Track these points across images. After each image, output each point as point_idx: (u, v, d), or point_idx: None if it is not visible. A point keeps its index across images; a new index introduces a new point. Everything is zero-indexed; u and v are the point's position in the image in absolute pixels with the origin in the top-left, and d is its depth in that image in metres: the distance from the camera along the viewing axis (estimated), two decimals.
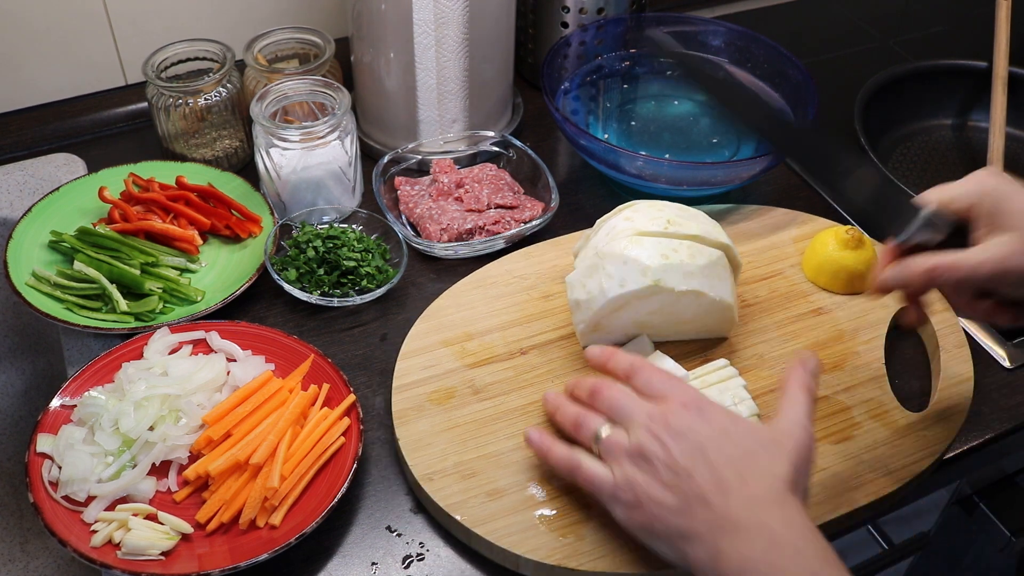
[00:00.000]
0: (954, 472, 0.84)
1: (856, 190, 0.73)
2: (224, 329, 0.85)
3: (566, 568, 0.69)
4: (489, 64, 1.03)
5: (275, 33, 1.05)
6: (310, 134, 0.92)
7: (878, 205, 0.72)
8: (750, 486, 0.61)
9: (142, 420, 0.75)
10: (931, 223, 0.69)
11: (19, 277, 0.89)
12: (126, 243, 0.91)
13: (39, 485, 0.73)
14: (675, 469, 0.63)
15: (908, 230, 0.70)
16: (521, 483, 0.74)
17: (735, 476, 0.62)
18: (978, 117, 1.18)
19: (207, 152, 1.05)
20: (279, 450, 0.74)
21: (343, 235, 0.92)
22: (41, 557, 0.97)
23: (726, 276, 0.82)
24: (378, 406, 0.83)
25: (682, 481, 0.63)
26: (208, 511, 0.72)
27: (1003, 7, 1.17)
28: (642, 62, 1.17)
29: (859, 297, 0.91)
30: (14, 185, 1.03)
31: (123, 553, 0.69)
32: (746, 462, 0.62)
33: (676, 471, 0.63)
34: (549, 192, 0.98)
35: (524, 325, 0.87)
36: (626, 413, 0.67)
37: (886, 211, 0.72)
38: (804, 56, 1.12)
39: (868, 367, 0.84)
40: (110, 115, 1.13)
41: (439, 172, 1.01)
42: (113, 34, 1.09)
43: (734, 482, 0.62)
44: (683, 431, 0.64)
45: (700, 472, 0.62)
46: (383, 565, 0.72)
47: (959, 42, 1.38)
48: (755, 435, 0.64)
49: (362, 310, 0.92)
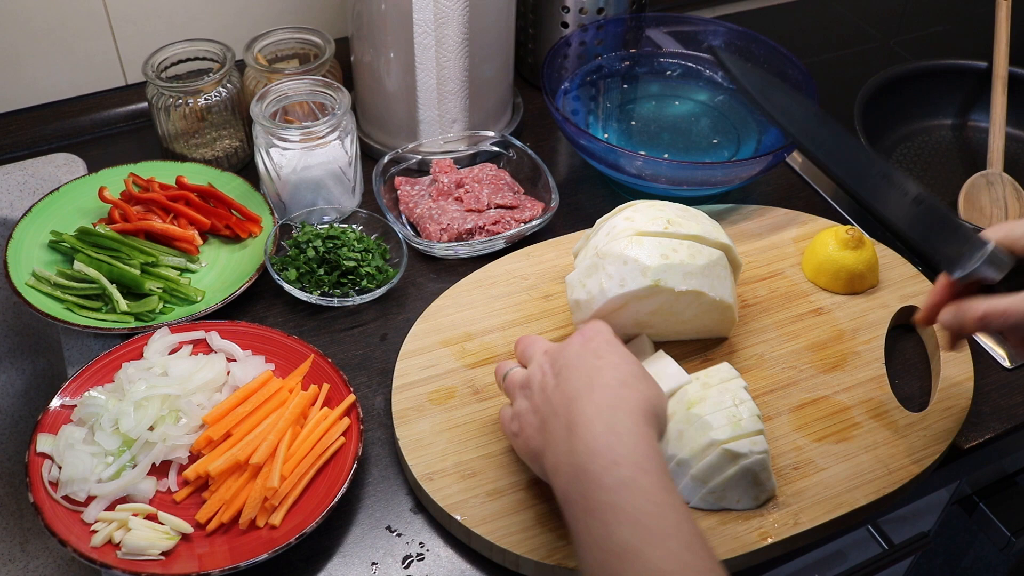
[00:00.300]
0: (954, 472, 0.84)
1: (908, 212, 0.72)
2: (224, 329, 0.85)
3: (566, 568, 0.69)
4: (489, 64, 1.03)
5: (275, 33, 1.05)
6: (310, 134, 0.92)
7: (934, 232, 0.71)
8: (596, 390, 0.62)
9: (142, 420, 0.75)
10: (993, 261, 0.68)
11: (19, 277, 0.89)
12: (126, 243, 0.91)
13: (39, 485, 0.73)
14: (545, 390, 0.65)
15: (968, 267, 0.69)
16: (521, 483, 0.74)
17: (585, 384, 0.63)
18: (978, 117, 1.18)
19: (207, 152, 1.05)
20: (279, 450, 0.74)
21: (343, 235, 0.92)
22: (41, 557, 0.97)
23: (726, 276, 0.82)
24: (378, 406, 0.83)
25: (543, 400, 0.65)
26: (208, 511, 0.72)
27: (1003, 7, 1.17)
28: (642, 62, 1.17)
29: (859, 297, 0.91)
30: (14, 185, 1.03)
31: (123, 553, 0.69)
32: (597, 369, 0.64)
33: (545, 392, 0.65)
34: (549, 192, 0.98)
35: (524, 325, 0.87)
36: (529, 354, 0.70)
37: (945, 241, 0.70)
38: (804, 56, 1.12)
39: (868, 367, 0.84)
40: (110, 115, 1.13)
41: (439, 172, 1.01)
42: (113, 34, 1.09)
43: (582, 389, 0.62)
44: (569, 362, 0.65)
45: (558, 389, 0.64)
46: (383, 565, 0.72)
47: (959, 42, 1.38)
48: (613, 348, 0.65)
49: (362, 310, 0.92)
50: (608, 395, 0.62)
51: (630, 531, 0.54)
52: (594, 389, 0.62)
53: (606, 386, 0.62)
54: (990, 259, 0.68)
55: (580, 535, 0.57)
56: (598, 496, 0.56)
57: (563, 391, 0.63)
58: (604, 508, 0.56)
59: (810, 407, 0.81)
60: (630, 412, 0.61)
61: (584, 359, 0.65)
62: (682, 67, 1.16)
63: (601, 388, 0.62)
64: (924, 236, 0.71)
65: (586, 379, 0.63)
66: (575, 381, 0.63)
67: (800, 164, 1.12)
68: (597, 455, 0.58)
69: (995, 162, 1.08)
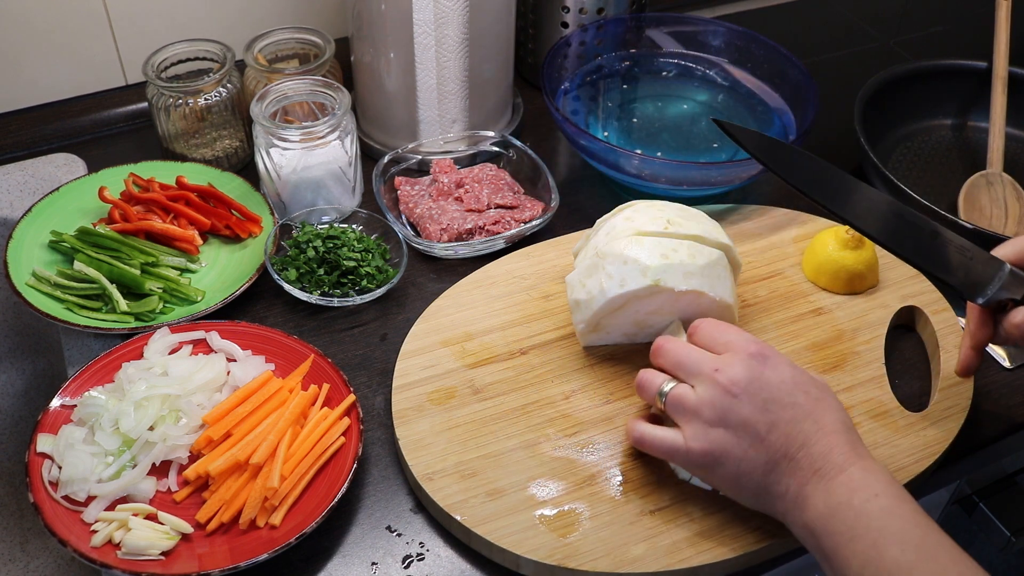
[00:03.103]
0: (954, 472, 0.84)
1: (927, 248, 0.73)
2: (224, 329, 0.85)
3: (566, 568, 0.69)
4: (489, 64, 1.03)
5: (275, 33, 1.05)
6: (310, 134, 0.92)
7: (952, 262, 0.72)
8: (827, 435, 0.64)
9: (142, 420, 0.75)
10: (1013, 282, 0.70)
11: (19, 277, 0.89)
12: (126, 243, 0.91)
13: (39, 485, 0.73)
14: (753, 426, 0.64)
15: (989, 291, 0.70)
16: (521, 483, 0.74)
17: (813, 426, 0.64)
18: (978, 117, 1.18)
19: (207, 152, 1.05)
20: (279, 450, 0.74)
21: (343, 235, 0.92)
22: (41, 557, 0.97)
23: (726, 276, 0.82)
24: (378, 406, 0.83)
25: (762, 439, 0.64)
26: (208, 511, 0.72)
27: (1003, 7, 1.17)
28: (642, 62, 1.17)
29: (859, 297, 0.91)
30: (14, 185, 1.03)
31: (123, 553, 0.69)
32: (818, 409, 0.64)
33: (755, 429, 0.64)
34: (549, 192, 0.98)
35: (524, 325, 0.87)
36: (689, 366, 0.67)
37: (963, 269, 0.71)
38: (804, 56, 1.12)
39: (868, 367, 0.84)
40: (110, 115, 1.13)
41: (439, 172, 1.01)
42: (113, 34, 1.09)
43: (812, 433, 0.63)
44: (752, 383, 0.65)
45: (779, 428, 0.64)
46: (383, 565, 0.72)
47: (959, 42, 1.38)
48: (815, 382, 0.67)
49: (362, 310, 0.92)
50: (840, 432, 0.64)
51: (899, 550, 0.59)
52: (824, 429, 0.64)
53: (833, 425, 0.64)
54: (1009, 281, 0.70)
55: (846, 559, 0.60)
56: (866, 523, 0.60)
57: (788, 434, 0.64)
58: (873, 532, 0.60)
59: None
60: (859, 441, 0.65)
61: (786, 392, 0.65)
62: (682, 67, 1.16)
63: (832, 428, 0.64)
64: (945, 268, 0.72)
65: (809, 419, 0.64)
66: (799, 423, 0.64)
67: None
68: (858, 491, 0.62)
69: (995, 162, 1.08)
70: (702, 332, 0.70)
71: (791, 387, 0.65)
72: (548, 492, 0.74)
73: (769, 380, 0.65)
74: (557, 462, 0.76)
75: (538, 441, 0.77)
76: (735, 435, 0.65)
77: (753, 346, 0.67)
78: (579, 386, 0.82)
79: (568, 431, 0.78)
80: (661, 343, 0.71)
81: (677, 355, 0.69)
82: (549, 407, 0.80)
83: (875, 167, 0.99)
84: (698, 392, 0.66)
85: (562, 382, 0.82)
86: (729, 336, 0.68)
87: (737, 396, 0.65)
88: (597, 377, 0.83)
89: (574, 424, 0.79)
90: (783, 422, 0.64)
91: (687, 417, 0.67)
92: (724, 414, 0.65)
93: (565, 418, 0.79)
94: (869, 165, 1.01)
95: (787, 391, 0.65)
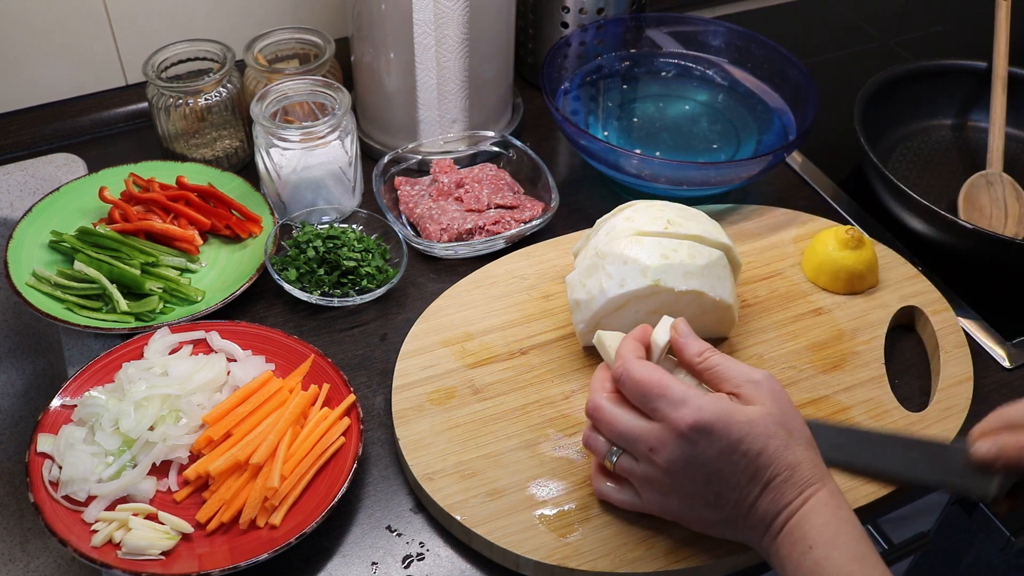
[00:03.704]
0: None
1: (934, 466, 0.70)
2: (224, 329, 0.85)
3: (566, 568, 0.69)
4: (489, 64, 1.03)
5: (275, 33, 1.05)
6: (310, 134, 0.92)
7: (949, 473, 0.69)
8: (771, 490, 0.63)
9: (142, 420, 0.75)
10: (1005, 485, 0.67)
11: (19, 277, 0.89)
12: (126, 243, 0.91)
13: (39, 485, 0.73)
14: (701, 497, 0.65)
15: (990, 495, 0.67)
16: (521, 483, 0.74)
17: (756, 487, 0.63)
18: (978, 117, 1.18)
19: (207, 152, 1.05)
20: (279, 450, 0.74)
21: (343, 235, 0.92)
22: (41, 557, 0.97)
23: (726, 276, 0.82)
24: (378, 406, 0.83)
25: (712, 505, 0.65)
26: (208, 511, 0.72)
27: (1003, 7, 1.17)
28: (642, 62, 1.17)
29: (859, 297, 0.91)
30: (14, 185, 1.03)
31: (123, 553, 0.69)
32: (759, 464, 0.63)
33: (703, 499, 0.65)
34: (549, 192, 0.98)
35: (524, 325, 0.87)
36: (625, 443, 0.67)
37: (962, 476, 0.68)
38: (804, 56, 1.12)
39: (868, 367, 0.84)
40: (110, 115, 1.13)
41: (439, 172, 1.01)
42: (113, 34, 1.09)
43: (757, 494, 0.63)
44: (688, 465, 0.64)
45: (724, 496, 0.64)
46: (383, 565, 0.72)
47: (959, 42, 1.38)
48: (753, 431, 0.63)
49: (362, 310, 0.92)
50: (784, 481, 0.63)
51: None
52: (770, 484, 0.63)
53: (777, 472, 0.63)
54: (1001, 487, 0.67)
55: None
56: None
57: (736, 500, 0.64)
58: None
59: (810, 407, 0.81)
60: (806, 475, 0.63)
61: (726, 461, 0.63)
62: (682, 67, 1.16)
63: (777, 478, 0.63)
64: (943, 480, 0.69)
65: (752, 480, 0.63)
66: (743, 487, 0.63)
67: (800, 164, 1.13)
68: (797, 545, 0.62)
69: (995, 162, 1.08)
70: (628, 387, 0.66)
71: (730, 454, 0.63)
72: (548, 492, 0.74)
73: (705, 455, 0.63)
74: (557, 462, 0.76)
75: (538, 441, 0.77)
76: (688, 504, 0.66)
77: (686, 419, 0.63)
78: (579, 386, 0.82)
79: (568, 431, 0.78)
80: (594, 408, 0.68)
81: (612, 428, 0.67)
82: (549, 407, 0.80)
83: (875, 167, 0.99)
84: (641, 467, 0.66)
85: (562, 382, 0.82)
86: (656, 404, 0.64)
87: (676, 474, 0.64)
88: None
89: (574, 424, 0.79)
90: (727, 489, 0.64)
91: (639, 485, 0.68)
92: (671, 488, 0.66)
93: (565, 418, 0.79)
94: (869, 165, 1.01)
95: (727, 459, 0.63)
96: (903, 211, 0.99)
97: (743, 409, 0.64)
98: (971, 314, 0.94)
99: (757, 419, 0.63)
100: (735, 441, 0.62)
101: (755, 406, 0.64)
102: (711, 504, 0.65)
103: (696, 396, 0.63)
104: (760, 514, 0.63)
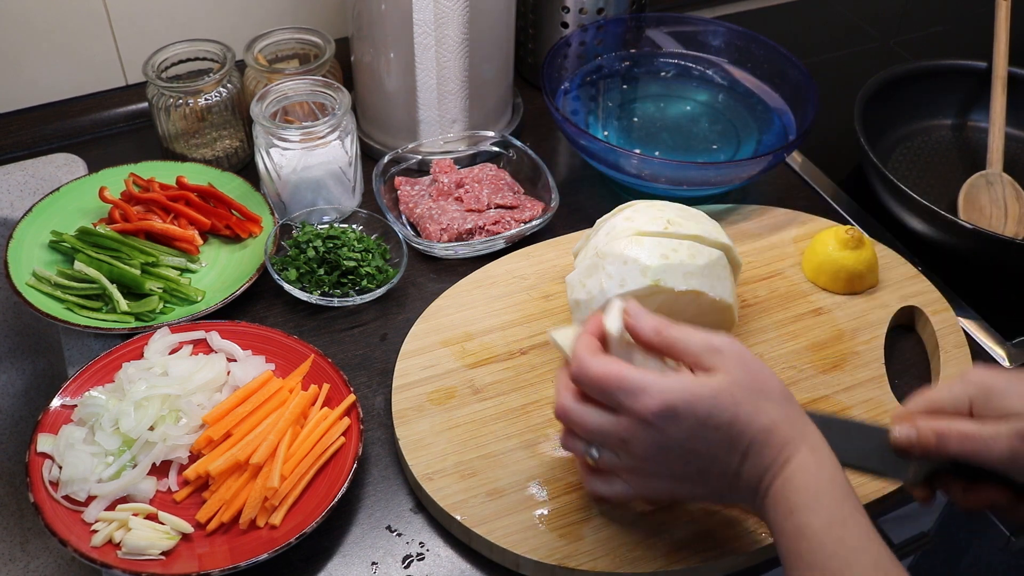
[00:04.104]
0: None
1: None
2: (224, 329, 0.85)
3: (566, 568, 0.69)
4: (489, 64, 1.03)
5: (275, 33, 1.05)
6: (310, 134, 0.92)
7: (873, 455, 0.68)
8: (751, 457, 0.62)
9: (142, 420, 0.75)
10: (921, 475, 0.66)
11: (20, 277, 0.89)
12: (126, 243, 0.91)
13: (39, 485, 0.73)
14: (688, 476, 0.64)
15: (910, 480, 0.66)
16: (521, 483, 0.74)
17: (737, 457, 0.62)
18: (978, 117, 1.18)
19: (207, 152, 1.05)
20: (279, 450, 0.74)
21: (343, 235, 0.92)
22: (41, 557, 0.97)
23: (726, 276, 0.82)
24: (378, 406, 0.83)
25: (699, 482, 0.64)
26: (208, 511, 0.72)
27: (1003, 7, 1.17)
28: (642, 62, 1.17)
29: (859, 297, 0.91)
30: (14, 185, 1.03)
31: (123, 553, 0.69)
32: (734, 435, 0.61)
33: (689, 477, 0.64)
34: (549, 192, 0.98)
35: (524, 325, 0.87)
36: (597, 440, 0.65)
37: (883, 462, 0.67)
38: (804, 56, 1.12)
39: (868, 367, 0.84)
40: (110, 115, 1.13)
41: (439, 172, 1.02)
42: (113, 34, 1.09)
43: (739, 463, 0.62)
44: (661, 450, 0.63)
45: (709, 471, 0.63)
46: (383, 565, 0.72)
47: (959, 42, 1.38)
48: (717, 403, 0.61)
49: (362, 310, 0.92)
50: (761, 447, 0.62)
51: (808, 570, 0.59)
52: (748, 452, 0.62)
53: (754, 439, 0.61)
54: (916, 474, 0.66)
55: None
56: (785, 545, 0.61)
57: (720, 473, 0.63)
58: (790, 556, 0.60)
59: (810, 407, 0.81)
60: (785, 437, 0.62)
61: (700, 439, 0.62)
62: (682, 67, 1.16)
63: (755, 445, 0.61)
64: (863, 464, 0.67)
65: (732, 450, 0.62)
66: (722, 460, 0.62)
67: (800, 164, 1.13)
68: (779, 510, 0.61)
69: (995, 162, 1.08)
70: (587, 385, 0.64)
71: (701, 429, 0.61)
72: (548, 492, 0.74)
73: (676, 437, 0.62)
74: (557, 462, 0.76)
75: (538, 441, 0.77)
76: (676, 484, 0.65)
77: (649, 407, 0.61)
78: None
79: None
80: (561, 412, 0.66)
81: (582, 427, 0.65)
82: (549, 407, 0.80)
83: (875, 167, 0.99)
84: (621, 459, 0.65)
85: None
86: (617, 397, 0.62)
87: (652, 461, 0.63)
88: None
89: None
90: (708, 463, 0.63)
91: (626, 476, 0.66)
92: (654, 473, 0.64)
93: None
94: (869, 165, 1.01)
95: (700, 437, 0.62)
96: (903, 211, 0.99)
97: (706, 383, 0.61)
98: (971, 314, 0.94)
99: (722, 389, 0.61)
100: (704, 417, 0.61)
101: (719, 375, 0.62)
102: (697, 480, 0.64)
103: (655, 381, 0.61)
104: (746, 480, 0.62)
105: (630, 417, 0.62)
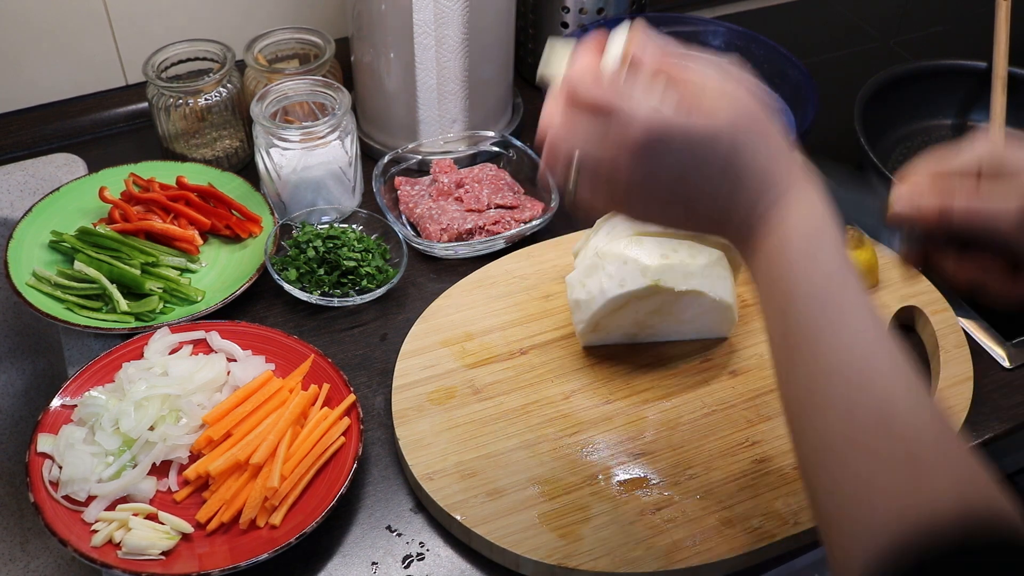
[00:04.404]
0: None
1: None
2: (224, 329, 0.85)
3: (566, 568, 0.69)
4: (489, 64, 1.03)
5: (275, 33, 1.05)
6: (310, 134, 0.92)
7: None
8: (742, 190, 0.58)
9: (142, 420, 0.75)
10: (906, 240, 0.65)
11: (20, 277, 0.89)
12: (126, 243, 0.91)
13: (39, 485, 0.73)
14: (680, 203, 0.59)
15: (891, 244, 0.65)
16: (521, 483, 0.74)
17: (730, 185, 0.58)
18: (978, 117, 1.18)
19: (207, 152, 1.05)
20: (279, 450, 0.74)
21: (343, 235, 0.92)
22: (41, 557, 0.97)
23: (726, 276, 0.82)
24: (378, 406, 0.83)
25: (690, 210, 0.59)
26: (208, 511, 0.72)
27: (1003, 7, 1.17)
28: None
29: None
30: (14, 185, 1.03)
31: (123, 553, 0.69)
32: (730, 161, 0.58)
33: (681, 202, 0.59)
34: (549, 192, 0.98)
35: (524, 325, 0.87)
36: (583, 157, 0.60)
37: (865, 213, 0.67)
38: (804, 56, 1.12)
39: None
40: (110, 115, 1.13)
41: (439, 172, 1.02)
42: (113, 34, 1.09)
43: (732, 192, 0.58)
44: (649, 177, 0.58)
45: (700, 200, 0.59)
46: (383, 565, 0.72)
47: (959, 42, 1.38)
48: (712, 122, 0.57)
49: (362, 310, 0.92)
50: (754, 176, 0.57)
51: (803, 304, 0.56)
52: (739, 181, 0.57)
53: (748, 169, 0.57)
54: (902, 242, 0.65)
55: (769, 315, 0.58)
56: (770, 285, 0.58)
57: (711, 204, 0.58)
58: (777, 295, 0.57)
59: None
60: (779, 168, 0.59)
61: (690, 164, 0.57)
62: None
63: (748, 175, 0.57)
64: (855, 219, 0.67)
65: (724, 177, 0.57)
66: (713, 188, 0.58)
67: None
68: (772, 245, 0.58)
69: None
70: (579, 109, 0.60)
71: (691, 154, 0.57)
72: (548, 492, 0.74)
73: (666, 164, 0.57)
74: (557, 462, 0.76)
75: (538, 441, 0.77)
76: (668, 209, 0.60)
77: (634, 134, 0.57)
78: (579, 386, 0.82)
79: (568, 431, 0.78)
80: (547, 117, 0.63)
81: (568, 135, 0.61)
82: (549, 407, 0.80)
83: (875, 167, 0.99)
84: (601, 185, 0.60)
85: (562, 382, 0.82)
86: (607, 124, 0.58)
87: (643, 187, 0.59)
88: (597, 377, 0.83)
89: (574, 424, 0.79)
90: (699, 193, 0.58)
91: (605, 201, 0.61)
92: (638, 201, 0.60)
93: (565, 418, 0.79)
94: (869, 165, 1.01)
95: (690, 161, 0.57)
96: None
97: (702, 113, 0.57)
98: (971, 314, 0.94)
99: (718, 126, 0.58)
100: (695, 147, 0.57)
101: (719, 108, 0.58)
102: (688, 209, 0.59)
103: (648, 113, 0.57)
104: (736, 224, 0.58)
105: (616, 143, 0.58)
